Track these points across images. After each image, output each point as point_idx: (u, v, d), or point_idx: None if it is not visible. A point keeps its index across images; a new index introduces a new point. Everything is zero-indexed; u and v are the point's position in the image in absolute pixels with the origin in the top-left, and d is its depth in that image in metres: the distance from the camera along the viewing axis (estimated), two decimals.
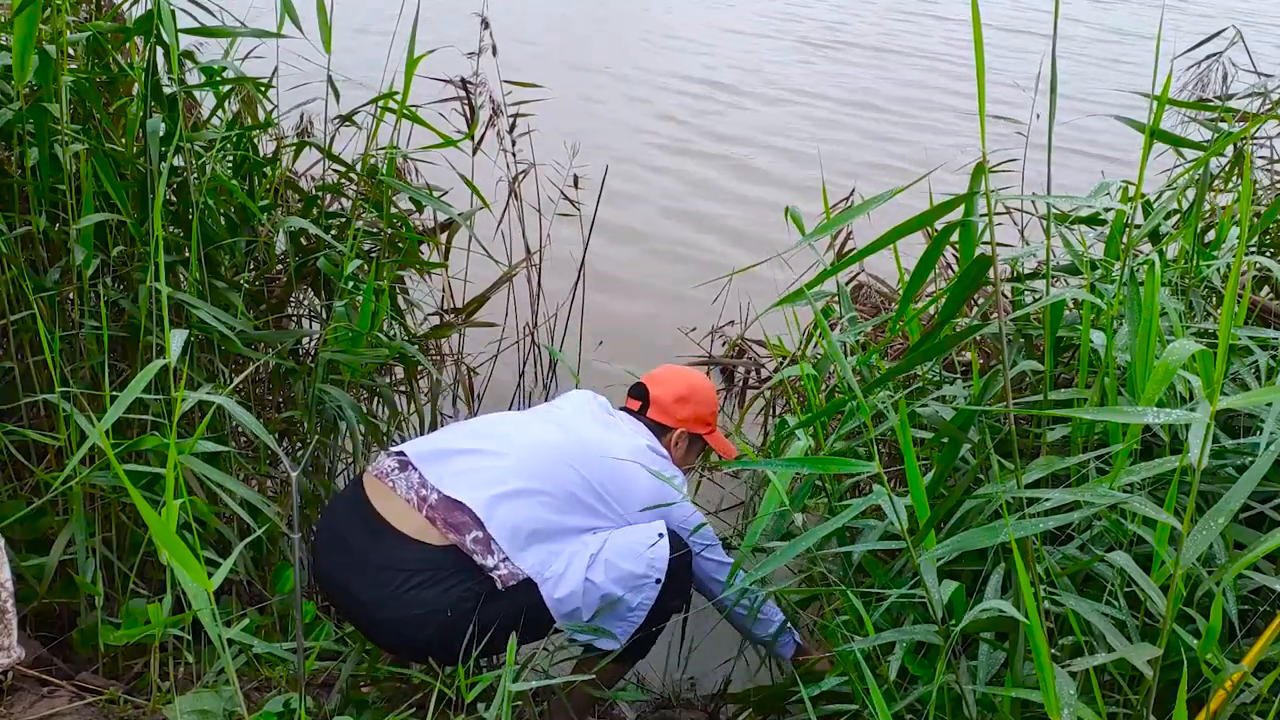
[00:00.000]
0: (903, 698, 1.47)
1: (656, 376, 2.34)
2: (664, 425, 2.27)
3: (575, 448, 2.04)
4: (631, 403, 2.32)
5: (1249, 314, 2.11)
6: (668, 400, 2.28)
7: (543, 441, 2.04)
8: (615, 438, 2.13)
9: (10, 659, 1.67)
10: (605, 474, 2.02)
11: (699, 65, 8.89)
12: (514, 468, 1.96)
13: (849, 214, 1.18)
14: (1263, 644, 1.26)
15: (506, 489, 1.92)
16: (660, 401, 2.28)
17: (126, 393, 1.45)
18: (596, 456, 2.04)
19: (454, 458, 1.97)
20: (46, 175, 1.99)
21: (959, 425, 1.46)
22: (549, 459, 2.00)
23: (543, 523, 1.94)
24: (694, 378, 2.34)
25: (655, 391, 2.29)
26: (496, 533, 1.87)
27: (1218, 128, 2.41)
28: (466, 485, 1.91)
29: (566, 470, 1.99)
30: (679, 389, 2.29)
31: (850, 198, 3.41)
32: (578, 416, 2.17)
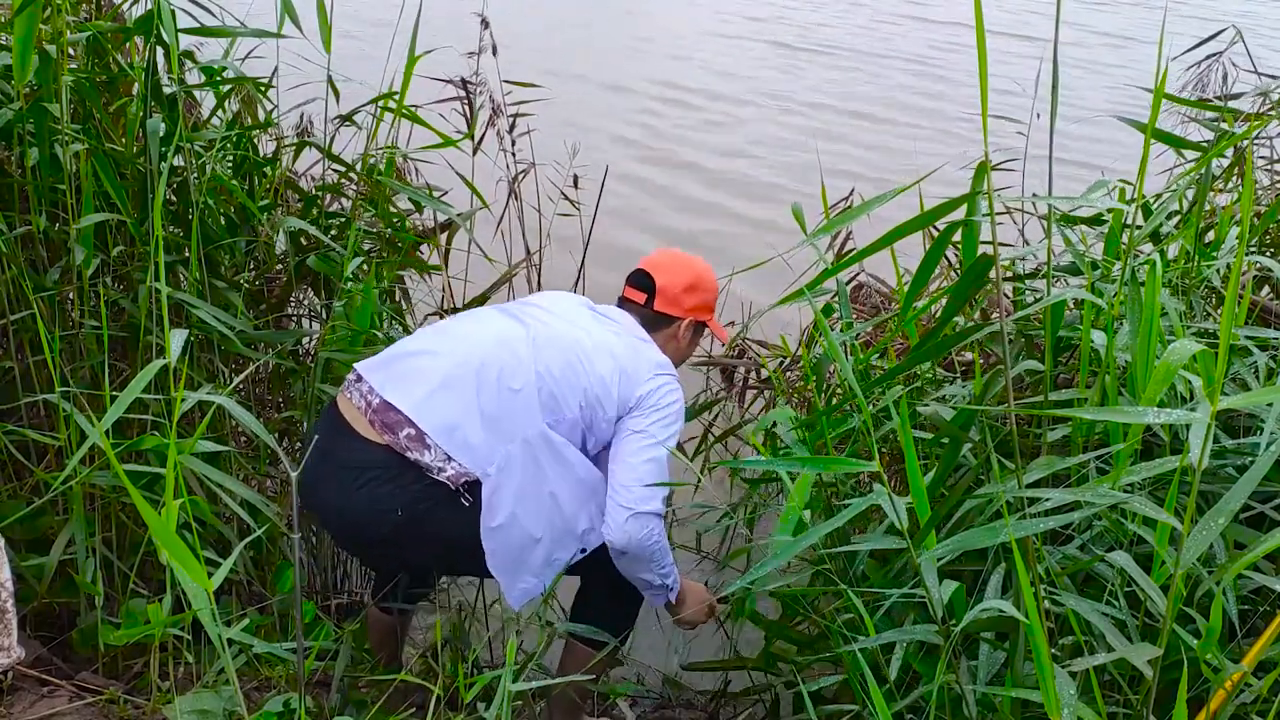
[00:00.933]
0: (903, 698, 1.47)
1: (659, 263, 2.18)
2: (671, 316, 2.15)
3: (535, 337, 1.95)
4: (634, 294, 2.16)
5: (1249, 314, 2.11)
6: (676, 289, 2.14)
7: (495, 334, 1.97)
8: (597, 331, 2.02)
9: (10, 659, 1.67)
10: (566, 367, 1.93)
11: (698, 66, 8.89)
12: (457, 362, 1.91)
13: (851, 213, 1.18)
14: (1262, 644, 1.26)
15: (438, 383, 1.88)
16: (668, 291, 2.14)
17: (126, 393, 1.44)
18: (561, 348, 1.95)
19: (399, 362, 1.94)
20: (47, 175, 1.98)
21: (959, 425, 1.46)
22: (499, 351, 1.92)
23: (480, 415, 1.86)
24: (697, 263, 2.22)
25: (662, 280, 2.14)
26: (430, 428, 1.84)
27: (1218, 128, 2.41)
28: (402, 387, 1.89)
29: (517, 362, 1.91)
30: (687, 276, 2.16)
31: (849, 198, 3.41)
32: (553, 310, 2.07)
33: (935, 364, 2.19)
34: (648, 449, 1.94)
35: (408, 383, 1.89)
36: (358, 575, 2.73)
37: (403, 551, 1.94)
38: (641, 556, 1.94)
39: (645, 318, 2.14)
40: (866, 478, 2.23)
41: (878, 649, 1.52)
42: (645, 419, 1.97)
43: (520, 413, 1.89)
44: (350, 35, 2.99)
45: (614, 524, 1.91)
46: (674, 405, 2.00)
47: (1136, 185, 1.61)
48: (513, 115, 3.00)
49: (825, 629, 1.83)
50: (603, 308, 2.15)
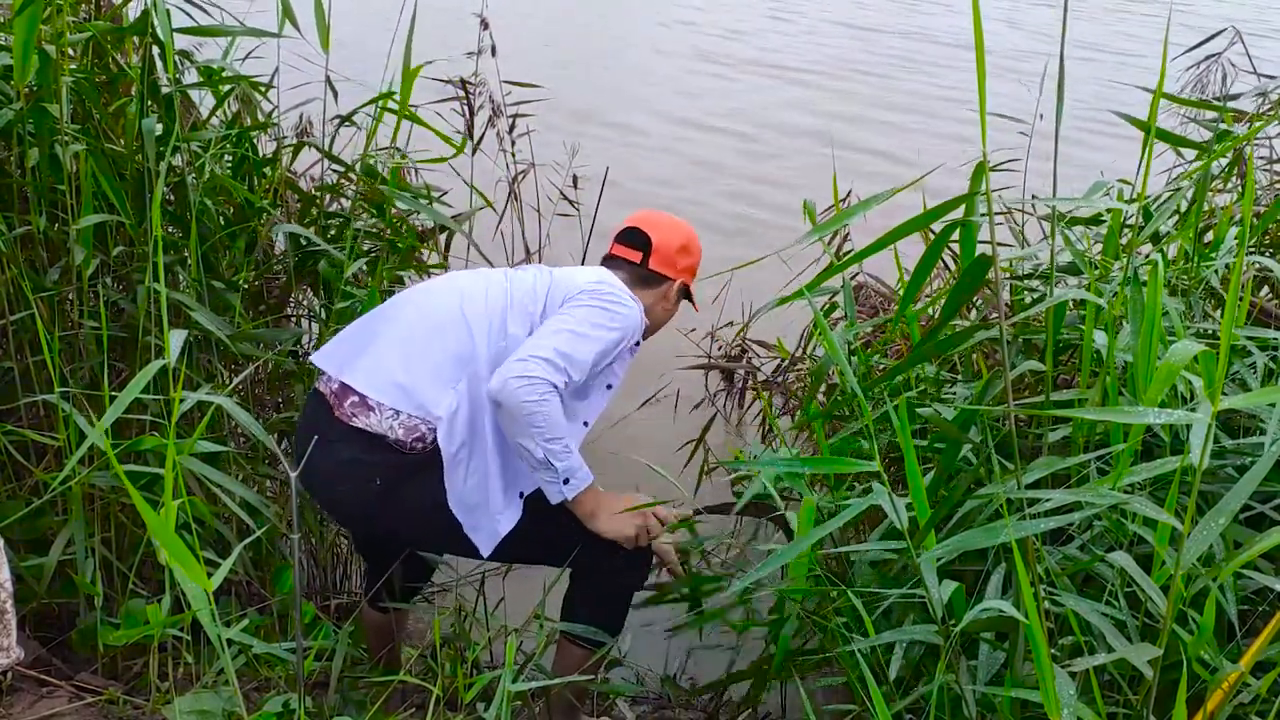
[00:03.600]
0: (903, 698, 1.47)
1: (653, 221, 2.14)
2: (663, 276, 2.12)
3: (467, 284, 1.95)
4: (627, 251, 2.12)
5: (1248, 315, 2.11)
6: (671, 248, 2.11)
7: (433, 288, 1.98)
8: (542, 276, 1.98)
9: (10, 659, 1.67)
10: (508, 297, 1.91)
11: (695, 59, 8.89)
12: (389, 319, 1.92)
13: (852, 211, 1.18)
14: (1260, 644, 1.26)
15: (370, 345, 1.89)
16: (663, 249, 2.10)
17: (125, 393, 1.44)
18: (500, 284, 1.94)
19: (343, 343, 1.95)
20: (46, 175, 1.98)
21: (960, 425, 1.46)
22: (439, 301, 1.93)
23: (420, 362, 1.85)
24: (686, 226, 2.20)
25: (658, 238, 2.10)
26: (369, 389, 1.83)
27: (1217, 128, 2.41)
28: (347, 363, 1.89)
29: (444, 303, 1.91)
30: (680, 236, 2.14)
31: (848, 198, 3.41)
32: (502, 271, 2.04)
33: (940, 368, 2.19)
34: (566, 324, 1.86)
35: (349, 357, 1.90)
36: (357, 575, 2.73)
37: (390, 525, 1.92)
38: (517, 415, 1.77)
39: (637, 276, 2.10)
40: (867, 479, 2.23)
41: (878, 649, 1.52)
42: (573, 303, 1.91)
43: (463, 350, 1.86)
44: (350, 35, 2.99)
45: (498, 373, 1.78)
46: (611, 300, 1.92)
47: (1137, 185, 1.61)
48: (512, 116, 3.00)
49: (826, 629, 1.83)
50: (582, 268, 2.11)
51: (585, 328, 1.86)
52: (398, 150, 2.41)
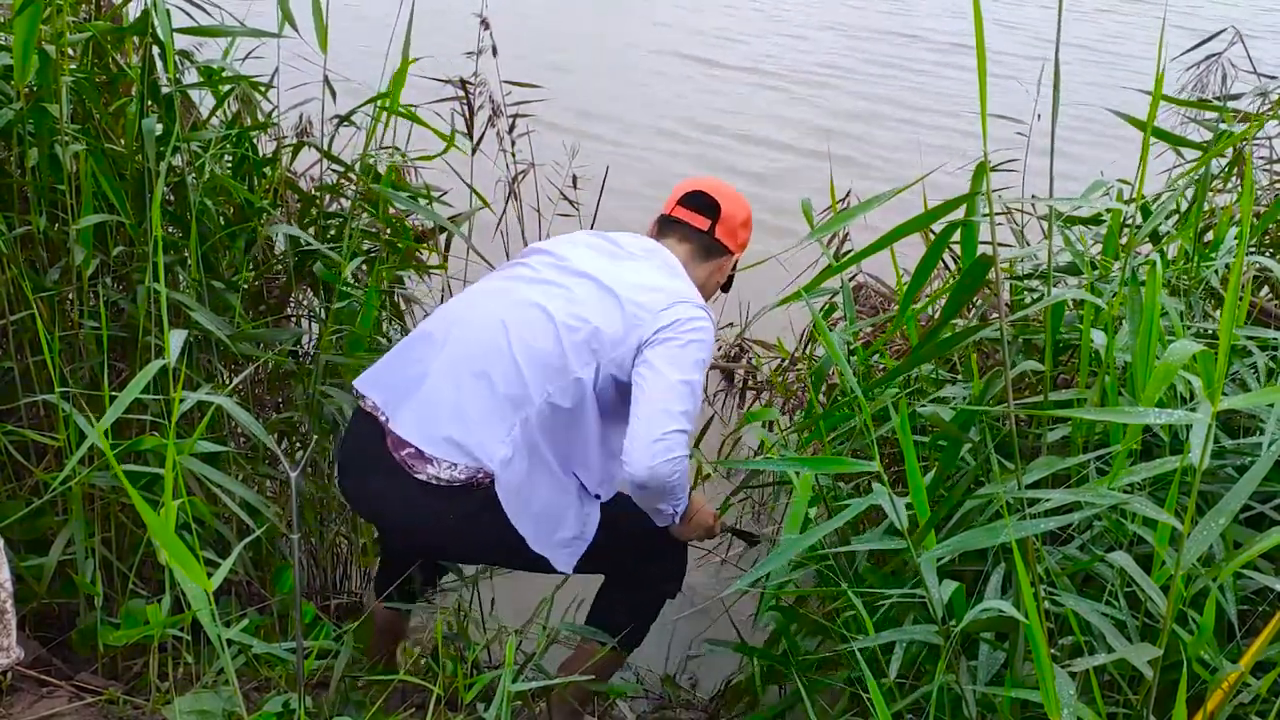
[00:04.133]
0: (903, 698, 1.47)
1: (721, 191, 2.03)
2: (725, 248, 2.02)
3: (510, 315, 1.85)
4: (697, 218, 2.00)
5: (1248, 315, 2.11)
6: (737, 221, 2.01)
7: (482, 322, 1.88)
8: (606, 272, 1.88)
9: (10, 659, 1.67)
10: (547, 331, 1.82)
11: (695, 58, 8.89)
12: (445, 366, 1.85)
13: (852, 212, 1.18)
14: (1260, 644, 1.26)
15: (413, 386, 1.84)
16: (730, 221, 2.00)
17: (125, 393, 1.44)
18: (536, 313, 1.84)
19: (393, 375, 1.90)
20: (46, 175, 1.98)
21: (959, 425, 1.46)
22: (484, 339, 1.84)
23: (472, 414, 1.80)
24: (744, 198, 2.09)
25: (727, 208, 2.00)
26: (415, 439, 1.81)
27: (1217, 128, 2.41)
28: (400, 409, 1.85)
29: (489, 339, 1.83)
30: (744, 210, 2.04)
31: (847, 199, 3.41)
32: (558, 264, 1.94)
33: (937, 365, 2.19)
34: (669, 375, 1.78)
35: (397, 395, 1.87)
36: (357, 575, 2.73)
37: (465, 552, 1.99)
38: (662, 491, 1.80)
39: (702, 245, 2.00)
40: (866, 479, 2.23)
41: (877, 649, 1.52)
42: (665, 347, 1.81)
43: (512, 393, 1.82)
44: (349, 35, 2.99)
45: (635, 457, 1.75)
46: (699, 329, 1.84)
47: (1136, 185, 1.61)
48: (512, 116, 3.00)
49: (825, 629, 1.83)
50: (629, 243, 1.99)
51: (693, 373, 1.81)
52: (397, 150, 2.41)
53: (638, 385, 1.80)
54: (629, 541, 2.00)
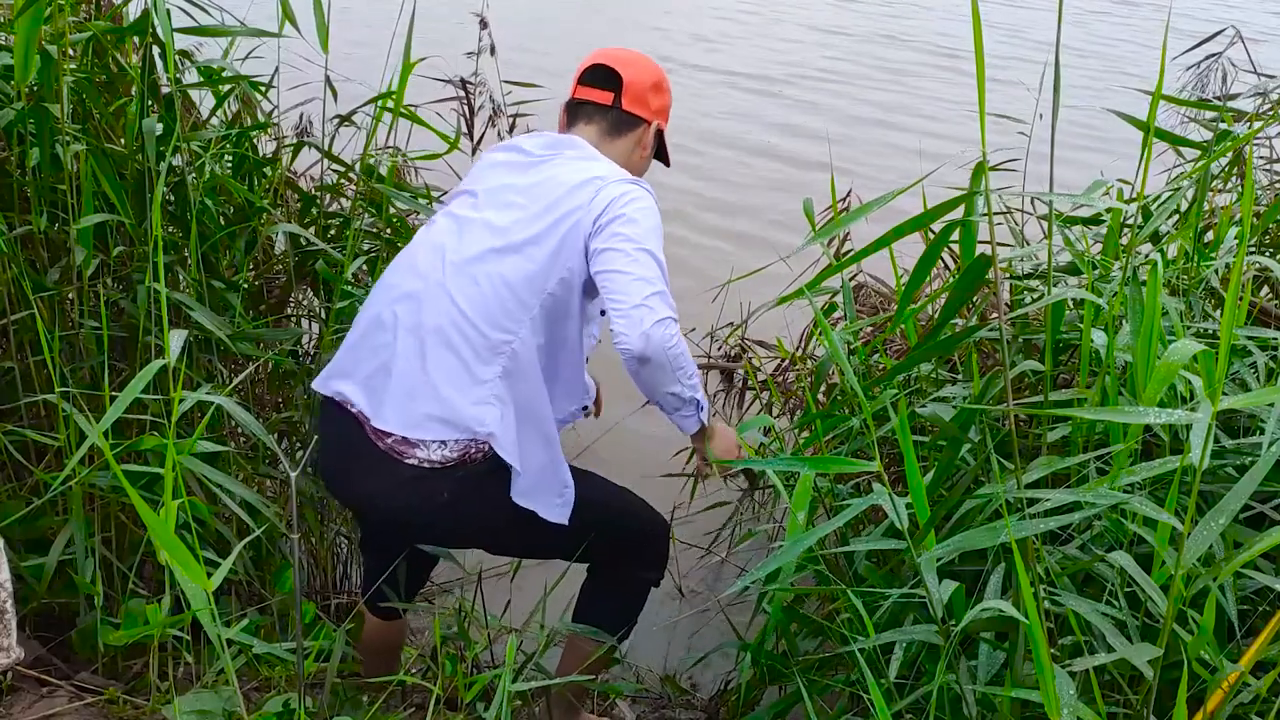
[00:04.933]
0: (904, 697, 1.47)
1: (621, 58, 1.92)
2: (638, 118, 1.92)
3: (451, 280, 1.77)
4: (597, 93, 1.90)
5: (1248, 315, 2.11)
6: (644, 86, 1.90)
7: (414, 296, 1.80)
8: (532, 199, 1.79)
9: (10, 659, 1.67)
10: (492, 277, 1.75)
11: (695, 59, 8.90)
12: (402, 346, 1.78)
13: (854, 215, 1.18)
14: (1260, 644, 1.26)
15: (383, 382, 1.77)
16: (635, 87, 1.89)
17: (125, 393, 1.44)
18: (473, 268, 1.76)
19: (361, 364, 1.83)
20: (48, 175, 1.98)
21: (959, 425, 1.46)
22: (424, 315, 1.77)
23: (434, 387, 1.73)
24: (652, 60, 1.97)
25: (629, 75, 1.89)
26: (401, 429, 1.75)
27: (1217, 128, 2.41)
28: (373, 401, 1.79)
29: (440, 308, 1.76)
30: (652, 73, 1.93)
31: (847, 198, 3.42)
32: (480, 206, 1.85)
33: (936, 365, 2.19)
34: (626, 249, 1.70)
35: (370, 394, 1.80)
36: (357, 575, 2.73)
37: (460, 531, 1.88)
38: (664, 363, 1.67)
39: (611, 121, 1.91)
40: (866, 478, 2.23)
41: (877, 649, 1.52)
42: (608, 231, 1.72)
43: (483, 350, 1.75)
44: (350, 35, 2.99)
45: (626, 330, 1.64)
46: (632, 201, 1.76)
47: (1136, 185, 1.61)
48: (513, 115, 3.00)
49: (825, 629, 1.83)
50: (534, 146, 1.90)
51: (647, 241, 1.71)
52: (397, 150, 2.41)
53: (602, 275, 1.71)
54: (607, 526, 1.94)
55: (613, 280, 1.68)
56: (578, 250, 1.76)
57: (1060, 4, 1.24)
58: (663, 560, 2.08)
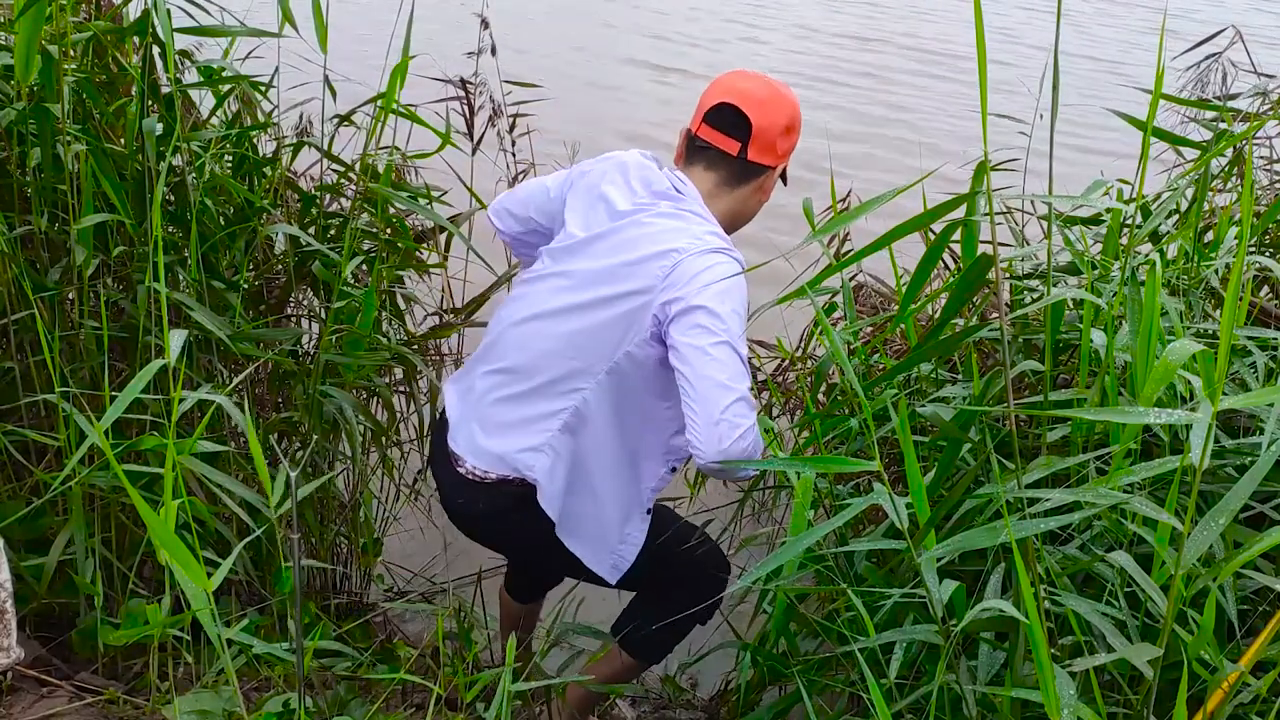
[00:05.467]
0: (904, 697, 1.47)
1: (754, 98, 1.77)
2: (764, 166, 1.81)
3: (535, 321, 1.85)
4: (723, 140, 1.79)
5: (1247, 315, 2.11)
6: (775, 133, 1.78)
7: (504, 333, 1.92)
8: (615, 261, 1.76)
9: (10, 659, 1.67)
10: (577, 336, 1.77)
11: (693, 60, 8.89)
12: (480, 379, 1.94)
13: (854, 213, 1.18)
14: (1260, 643, 1.26)
15: (468, 409, 1.94)
16: (765, 136, 1.77)
17: (125, 393, 1.44)
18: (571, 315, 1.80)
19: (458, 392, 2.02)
20: (49, 175, 1.98)
21: (959, 425, 1.46)
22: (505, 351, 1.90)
23: (501, 425, 1.85)
24: (789, 96, 1.82)
25: (760, 120, 1.76)
26: (466, 455, 1.90)
27: (1217, 128, 2.41)
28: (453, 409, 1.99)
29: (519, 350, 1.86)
30: (785, 114, 1.79)
31: (847, 198, 3.41)
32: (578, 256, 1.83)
33: (936, 365, 2.19)
34: (702, 343, 1.63)
35: (458, 414, 1.97)
36: (357, 575, 2.73)
37: (503, 540, 2.06)
38: (740, 465, 1.64)
39: (734, 171, 1.81)
40: (866, 478, 2.23)
41: (877, 649, 1.52)
42: (683, 319, 1.66)
43: (543, 408, 1.82)
44: (350, 35, 2.99)
45: (704, 447, 1.61)
46: (710, 274, 1.67)
47: (1136, 185, 1.61)
48: (513, 115, 3.00)
49: (825, 630, 1.83)
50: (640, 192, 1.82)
51: (724, 328, 1.64)
52: (397, 150, 2.41)
53: (678, 372, 1.66)
54: (663, 567, 2.01)
55: (691, 387, 1.63)
56: (645, 329, 1.71)
57: (1060, 3, 1.24)
58: (714, 607, 2.08)
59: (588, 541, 1.91)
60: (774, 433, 2.34)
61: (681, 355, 1.65)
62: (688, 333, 1.65)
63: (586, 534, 1.90)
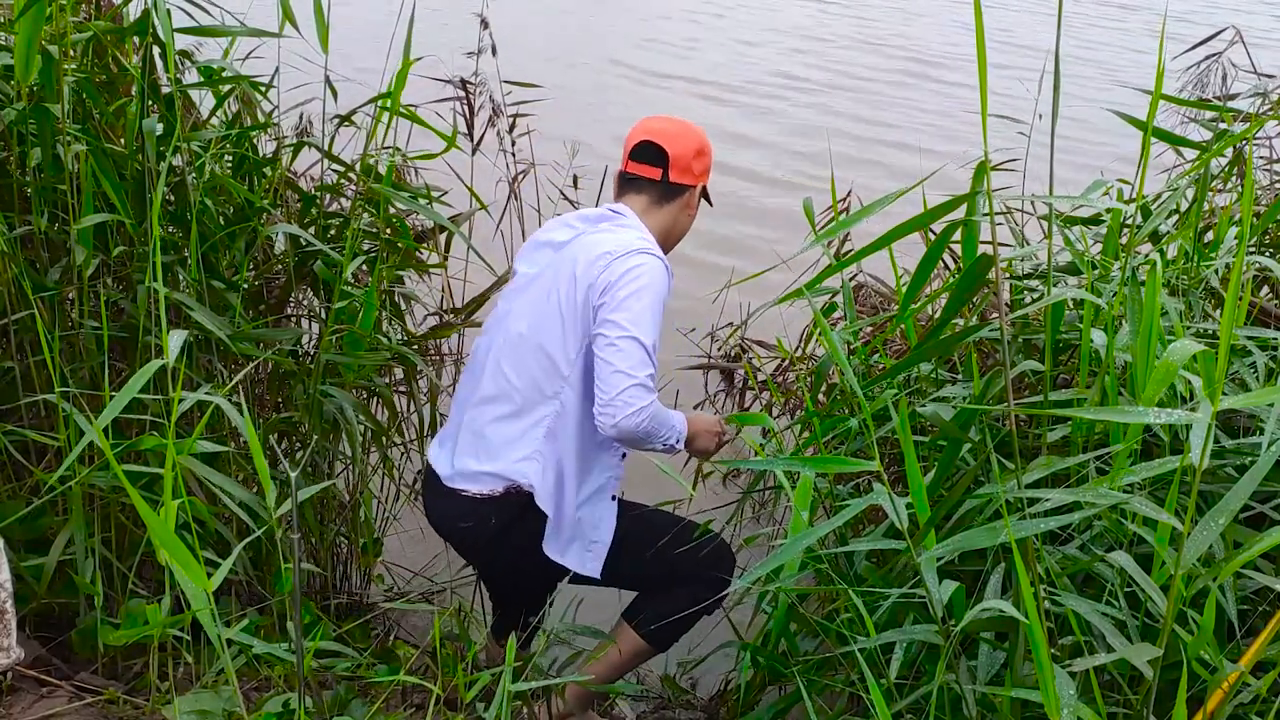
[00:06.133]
0: (904, 697, 1.47)
1: (665, 132, 2.10)
2: (685, 185, 2.12)
3: (504, 339, 2.08)
4: (647, 169, 2.10)
5: (1248, 315, 2.11)
6: (689, 156, 2.10)
7: (475, 363, 2.16)
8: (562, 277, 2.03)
9: (10, 659, 1.67)
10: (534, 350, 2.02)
11: (693, 64, 8.90)
12: (466, 413, 2.12)
13: (856, 217, 1.18)
14: (1260, 644, 1.26)
15: (454, 439, 2.12)
16: (681, 160, 2.09)
17: (124, 392, 1.44)
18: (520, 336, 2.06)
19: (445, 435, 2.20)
20: (49, 175, 1.98)
21: (959, 425, 1.46)
22: (479, 376, 2.11)
23: (487, 447, 2.05)
24: (695, 128, 2.16)
25: (675, 149, 2.08)
26: (460, 484, 2.05)
27: (1217, 128, 2.41)
28: (442, 457, 2.16)
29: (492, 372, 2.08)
30: (695, 141, 2.11)
31: (848, 198, 3.41)
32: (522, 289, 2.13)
33: (936, 365, 2.19)
34: (612, 334, 1.91)
35: (450, 452, 2.14)
36: (357, 576, 2.73)
37: (510, 559, 2.13)
38: (636, 441, 1.95)
39: (660, 193, 2.11)
40: (866, 478, 2.23)
41: (877, 649, 1.52)
42: (607, 309, 1.94)
43: (527, 422, 2.03)
44: (351, 35, 2.99)
45: (602, 420, 1.91)
46: (637, 274, 1.95)
47: (1136, 185, 1.61)
48: (513, 115, 3.00)
49: (824, 630, 1.83)
50: (579, 220, 2.13)
51: (637, 324, 1.91)
52: (397, 150, 2.41)
53: (594, 351, 1.94)
54: (667, 566, 2.14)
55: (598, 369, 1.92)
56: (591, 325, 1.98)
57: (1060, 3, 1.24)
58: (720, 585, 2.14)
59: (567, 543, 2.09)
60: (774, 432, 2.34)
61: (596, 343, 1.94)
62: (603, 326, 1.93)
63: (564, 536, 2.08)
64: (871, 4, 12.81)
